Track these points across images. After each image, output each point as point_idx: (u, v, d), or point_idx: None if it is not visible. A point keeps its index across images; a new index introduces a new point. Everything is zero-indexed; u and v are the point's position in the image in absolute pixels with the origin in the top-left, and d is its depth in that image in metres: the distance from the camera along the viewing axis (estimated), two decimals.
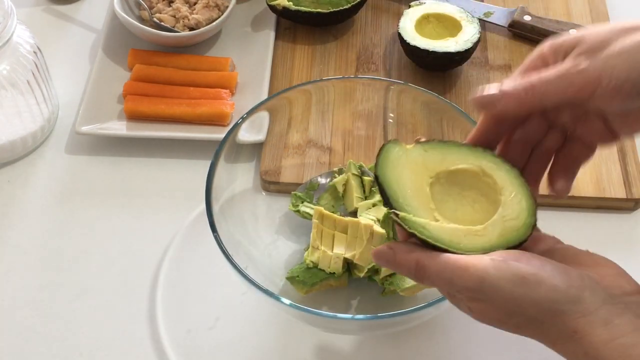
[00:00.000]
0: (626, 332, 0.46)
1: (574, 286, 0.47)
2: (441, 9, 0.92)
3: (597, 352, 0.46)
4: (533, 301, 0.47)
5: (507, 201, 0.53)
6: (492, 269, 0.48)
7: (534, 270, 0.48)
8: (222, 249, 0.65)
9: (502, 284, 0.47)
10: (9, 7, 0.78)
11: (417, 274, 0.51)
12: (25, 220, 0.81)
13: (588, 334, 0.47)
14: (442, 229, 0.52)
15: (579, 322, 0.47)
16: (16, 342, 0.72)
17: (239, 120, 0.74)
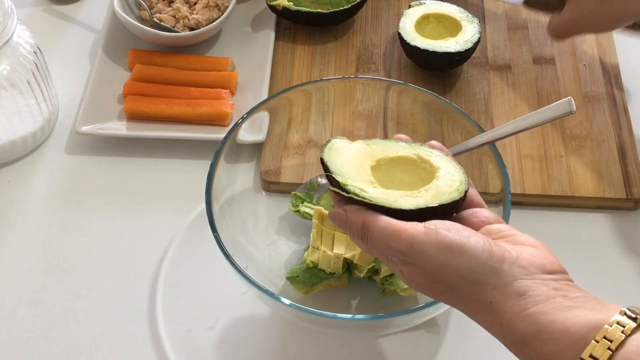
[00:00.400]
0: (537, 302, 0.48)
1: (494, 259, 0.50)
2: (441, 9, 0.92)
3: (510, 321, 0.48)
4: (454, 269, 0.50)
5: (441, 176, 0.57)
6: (422, 235, 0.51)
7: (459, 239, 0.50)
8: (222, 249, 0.65)
9: (428, 249, 0.50)
10: (9, 7, 0.78)
11: (362, 235, 0.54)
12: (25, 220, 0.81)
13: (502, 305, 0.49)
14: (379, 193, 0.56)
15: (495, 293, 0.49)
16: (16, 342, 0.72)
17: (239, 120, 0.74)
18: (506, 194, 0.68)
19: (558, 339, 0.47)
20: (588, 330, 0.46)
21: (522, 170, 0.82)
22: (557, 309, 0.48)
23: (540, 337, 0.47)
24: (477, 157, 0.74)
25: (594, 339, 0.45)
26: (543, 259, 0.51)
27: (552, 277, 0.50)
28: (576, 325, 0.46)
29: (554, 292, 0.49)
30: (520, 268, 0.50)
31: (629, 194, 0.80)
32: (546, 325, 0.47)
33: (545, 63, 0.92)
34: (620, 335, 0.45)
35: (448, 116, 0.76)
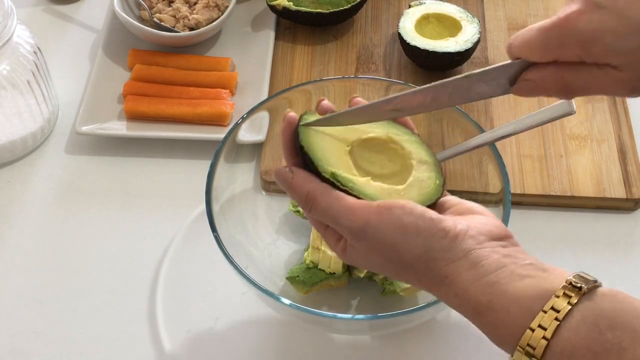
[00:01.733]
0: (489, 272, 0.50)
1: (449, 236, 0.51)
2: (441, 9, 0.92)
3: (464, 292, 0.50)
4: (409, 248, 0.51)
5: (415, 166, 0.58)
6: (376, 214, 0.52)
7: (414, 220, 0.52)
8: (222, 249, 0.65)
9: (383, 228, 0.52)
10: (9, 7, 0.78)
11: (306, 204, 0.54)
12: (25, 220, 0.81)
13: (456, 278, 0.51)
14: (368, 186, 0.56)
15: (449, 267, 0.51)
16: (16, 342, 0.72)
17: (239, 120, 0.74)
18: (506, 194, 0.68)
19: (509, 308, 0.48)
20: (537, 300, 0.48)
21: (522, 170, 0.82)
22: (509, 278, 0.49)
23: (492, 306, 0.49)
24: (477, 157, 0.74)
25: (542, 310, 0.47)
26: (489, 225, 0.53)
27: (500, 244, 0.52)
28: (526, 295, 0.48)
29: (505, 260, 0.51)
30: (471, 239, 0.51)
31: (629, 194, 0.80)
32: (498, 295, 0.49)
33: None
34: (566, 306, 0.47)
35: (448, 116, 0.76)
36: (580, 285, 0.47)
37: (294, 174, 0.55)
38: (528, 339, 0.47)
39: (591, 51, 0.49)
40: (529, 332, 0.47)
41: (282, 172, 0.56)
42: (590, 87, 0.52)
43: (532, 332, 0.47)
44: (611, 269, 0.77)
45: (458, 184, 0.79)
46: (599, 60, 0.50)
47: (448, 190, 0.78)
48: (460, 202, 0.57)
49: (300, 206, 0.56)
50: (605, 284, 0.76)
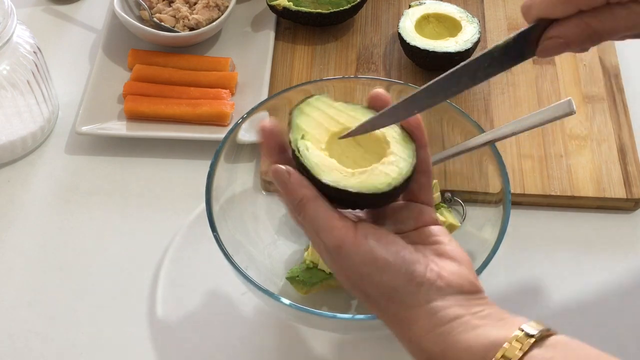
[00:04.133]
0: (444, 322, 0.50)
1: (414, 282, 0.51)
2: (441, 9, 0.92)
3: (418, 340, 0.51)
4: (375, 283, 0.52)
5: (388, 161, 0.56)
6: (351, 241, 0.52)
7: (386, 255, 0.51)
8: (222, 249, 0.65)
9: (354, 257, 0.52)
10: (9, 7, 0.78)
11: (296, 209, 0.54)
12: (25, 220, 0.81)
13: (414, 324, 0.51)
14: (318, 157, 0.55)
15: (408, 312, 0.51)
16: (16, 342, 0.72)
17: (239, 120, 0.74)
18: (506, 194, 0.68)
19: (461, 357, 0.49)
20: (489, 348, 0.48)
21: (522, 170, 0.82)
22: (463, 328, 0.50)
23: (445, 356, 0.49)
24: (477, 157, 0.74)
25: (494, 358, 0.47)
26: (462, 279, 0.52)
27: (466, 297, 0.52)
28: (477, 344, 0.48)
29: (463, 311, 0.50)
30: (436, 290, 0.51)
31: (629, 194, 0.80)
32: (450, 345, 0.49)
33: (545, 63, 0.92)
34: (518, 353, 0.46)
35: (448, 116, 0.76)
36: (533, 333, 0.47)
37: (290, 175, 0.55)
38: None
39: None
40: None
41: (280, 171, 0.55)
42: (617, 27, 0.52)
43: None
44: (611, 269, 0.77)
45: (458, 184, 0.79)
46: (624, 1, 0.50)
47: (448, 190, 0.79)
48: (445, 243, 0.55)
49: (289, 207, 0.55)
50: (605, 284, 0.76)
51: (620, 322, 0.73)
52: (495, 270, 0.53)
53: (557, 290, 0.75)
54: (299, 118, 0.58)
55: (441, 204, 0.77)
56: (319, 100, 0.60)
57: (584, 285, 0.76)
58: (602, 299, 0.75)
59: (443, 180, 0.79)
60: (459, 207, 0.78)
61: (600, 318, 0.73)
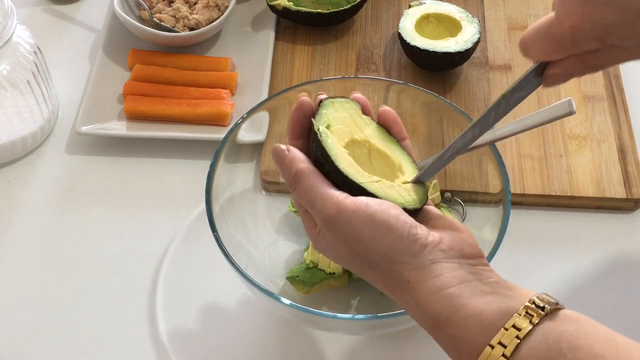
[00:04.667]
0: (452, 284, 0.49)
1: (418, 242, 0.51)
2: (441, 9, 0.92)
3: (425, 301, 0.50)
4: (377, 246, 0.51)
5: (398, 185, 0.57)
6: (351, 205, 0.52)
7: (388, 218, 0.51)
8: (222, 249, 0.65)
9: (355, 220, 0.51)
10: (9, 7, 0.78)
11: (292, 183, 0.55)
12: (25, 220, 0.81)
13: (419, 285, 0.50)
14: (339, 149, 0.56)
15: (413, 273, 0.50)
16: (16, 342, 0.72)
17: (239, 120, 0.74)
18: (506, 194, 0.68)
19: (469, 323, 0.48)
20: (498, 317, 0.47)
21: (522, 170, 0.82)
22: (471, 292, 0.49)
23: (452, 319, 0.49)
24: (477, 157, 0.74)
25: (503, 327, 0.47)
26: (463, 243, 0.52)
27: (469, 262, 0.51)
28: (487, 311, 0.48)
29: (469, 276, 0.50)
30: (440, 251, 0.51)
31: (629, 194, 0.80)
32: (458, 308, 0.49)
33: None
34: (528, 325, 0.46)
35: (448, 116, 0.76)
36: (543, 306, 0.47)
37: (289, 152, 0.55)
38: (487, 356, 0.46)
39: (607, 42, 0.51)
40: (488, 349, 0.46)
41: (279, 150, 0.56)
42: (615, 61, 0.54)
43: (491, 349, 0.46)
44: (611, 269, 0.77)
45: (458, 184, 0.79)
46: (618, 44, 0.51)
47: (448, 190, 0.79)
48: (440, 217, 0.56)
49: (287, 185, 0.56)
50: (605, 285, 0.76)
51: (620, 322, 0.73)
52: (496, 270, 0.53)
53: (557, 290, 0.75)
54: (327, 109, 0.58)
55: (441, 204, 0.77)
56: (350, 104, 0.60)
57: (584, 285, 0.76)
58: (602, 299, 0.75)
59: (443, 180, 0.79)
60: (459, 207, 0.78)
61: (600, 318, 0.73)
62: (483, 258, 0.53)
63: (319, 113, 0.58)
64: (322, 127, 0.56)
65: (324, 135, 0.56)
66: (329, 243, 0.54)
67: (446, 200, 0.78)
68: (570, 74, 0.55)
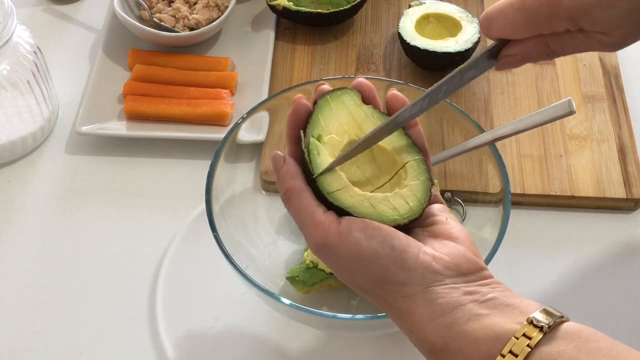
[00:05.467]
0: (446, 311, 0.48)
1: (406, 268, 0.49)
2: (441, 9, 0.92)
3: (419, 330, 0.49)
4: (365, 275, 0.50)
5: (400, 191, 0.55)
6: (337, 236, 0.50)
7: (373, 246, 0.50)
8: (222, 249, 0.65)
9: (340, 252, 0.50)
10: (9, 7, 0.78)
11: (284, 199, 0.54)
12: (25, 220, 0.81)
13: (411, 313, 0.49)
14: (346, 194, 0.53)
15: (404, 301, 0.49)
16: (16, 342, 0.72)
17: (239, 120, 0.74)
18: (506, 194, 0.68)
19: (466, 351, 0.47)
20: (495, 343, 0.46)
21: (522, 170, 0.82)
22: (466, 318, 0.48)
23: (448, 349, 0.48)
24: (477, 157, 0.74)
25: (500, 354, 0.45)
26: (460, 258, 0.51)
27: (465, 279, 0.50)
28: (483, 338, 0.47)
29: (464, 298, 0.48)
30: (432, 273, 0.49)
31: (629, 194, 0.80)
32: (454, 337, 0.47)
33: (545, 63, 0.92)
34: (526, 348, 0.45)
35: (448, 116, 0.76)
36: (542, 325, 0.46)
37: (285, 164, 0.54)
38: None
39: (579, 23, 0.51)
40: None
41: (277, 158, 0.55)
42: (575, 49, 0.54)
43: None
44: (611, 269, 0.77)
45: (458, 184, 0.79)
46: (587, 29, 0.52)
47: (448, 190, 0.79)
48: (443, 223, 0.54)
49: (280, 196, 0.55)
50: (605, 284, 0.76)
51: (620, 322, 0.73)
52: (495, 270, 0.53)
53: (557, 290, 0.75)
54: (322, 111, 0.56)
55: None
56: (349, 95, 0.58)
57: (584, 285, 0.76)
58: (602, 299, 0.75)
59: (443, 180, 0.79)
60: (459, 207, 0.78)
61: (600, 318, 0.73)
62: (483, 271, 0.51)
63: (312, 119, 0.56)
64: (311, 146, 0.54)
65: (313, 155, 0.54)
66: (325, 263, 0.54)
67: (446, 200, 0.78)
68: (528, 56, 0.54)
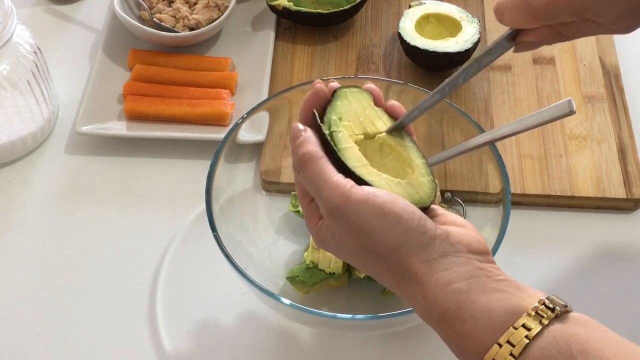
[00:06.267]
0: (461, 279, 0.48)
1: (427, 234, 0.50)
2: (441, 9, 0.92)
3: (433, 295, 0.49)
4: (386, 237, 0.50)
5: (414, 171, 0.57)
6: (359, 194, 0.50)
7: (397, 209, 0.50)
8: (222, 249, 0.65)
9: (363, 211, 0.50)
10: (9, 7, 0.78)
11: (298, 165, 0.53)
12: (25, 220, 0.81)
13: (427, 278, 0.49)
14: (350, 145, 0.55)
15: (422, 265, 0.49)
16: (16, 342, 0.72)
17: (239, 120, 0.74)
18: (506, 194, 0.68)
19: (478, 319, 0.47)
20: (508, 316, 0.47)
21: (522, 170, 0.82)
22: (480, 288, 0.48)
23: (460, 315, 0.48)
24: (477, 157, 0.74)
25: (512, 326, 0.46)
26: (470, 238, 0.52)
27: (477, 257, 0.51)
28: (497, 308, 0.47)
29: (478, 271, 0.49)
30: (449, 245, 0.50)
31: (629, 194, 0.80)
32: (468, 304, 0.48)
33: (545, 63, 0.92)
34: (537, 325, 0.45)
35: (448, 116, 0.76)
36: (554, 307, 0.46)
37: (305, 132, 0.54)
38: (494, 354, 0.46)
39: (583, 16, 0.54)
40: (496, 347, 0.46)
41: (296, 129, 0.55)
42: (588, 33, 0.57)
43: (499, 348, 0.45)
44: (611, 269, 0.77)
45: (458, 184, 0.79)
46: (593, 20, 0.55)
47: (448, 190, 0.79)
48: (445, 214, 0.55)
49: (293, 165, 0.54)
50: (605, 285, 0.76)
51: (620, 322, 0.73)
52: None
53: (556, 290, 0.75)
54: (341, 100, 0.58)
55: (441, 204, 0.77)
56: (362, 94, 0.59)
57: (584, 285, 0.76)
58: (602, 299, 0.74)
59: (443, 180, 0.79)
60: (459, 207, 0.78)
61: (600, 318, 0.73)
62: (490, 255, 0.52)
63: (331, 104, 0.57)
64: (334, 118, 0.56)
65: (335, 128, 0.55)
66: (334, 235, 0.52)
67: (446, 200, 0.78)
68: (543, 42, 0.57)
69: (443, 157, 0.74)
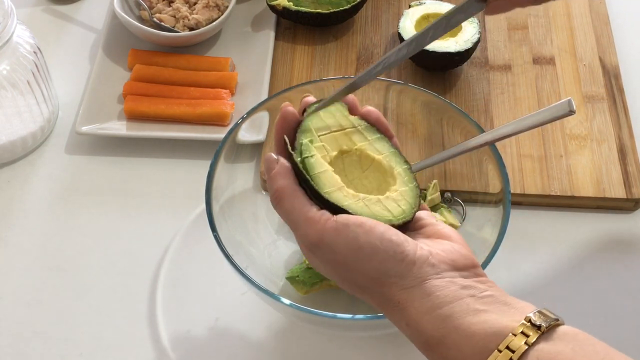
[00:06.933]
0: (443, 304, 0.48)
1: (405, 262, 0.49)
2: (441, 9, 0.92)
3: (415, 322, 0.49)
4: (363, 270, 0.50)
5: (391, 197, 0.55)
6: (333, 230, 0.50)
7: (372, 239, 0.49)
8: (222, 249, 0.65)
9: (337, 245, 0.50)
10: (9, 7, 0.78)
11: (274, 199, 0.53)
12: (25, 220, 0.81)
13: (409, 306, 0.49)
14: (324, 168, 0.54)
15: (402, 293, 0.49)
16: (16, 342, 0.72)
17: (239, 120, 0.74)
18: (506, 194, 0.68)
19: (462, 345, 0.47)
20: (492, 338, 0.46)
21: (522, 170, 0.82)
22: (464, 312, 0.47)
23: (444, 342, 0.47)
24: (477, 157, 0.74)
25: (497, 349, 0.45)
26: (455, 254, 0.51)
27: (462, 274, 0.50)
28: (480, 332, 0.46)
29: (462, 292, 0.48)
30: (430, 267, 0.49)
31: (629, 194, 0.80)
32: (450, 330, 0.47)
33: (545, 63, 0.92)
34: (523, 345, 0.45)
35: (448, 116, 0.76)
36: (540, 324, 0.45)
37: (278, 164, 0.54)
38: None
39: None
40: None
41: (270, 160, 0.54)
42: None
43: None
44: (611, 269, 0.77)
45: (458, 184, 0.79)
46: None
47: (448, 190, 0.79)
48: (433, 224, 0.54)
49: (270, 199, 0.54)
50: (605, 285, 0.76)
51: (620, 322, 0.73)
52: (496, 270, 0.53)
53: (557, 291, 0.75)
54: (312, 119, 0.57)
55: (441, 204, 0.77)
56: (335, 106, 0.59)
57: (584, 285, 0.76)
58: (602, 299, 0.75)
59: (443, 180, 0.79)
60: (459, 207, 0.78)
61: (600, 318, 0.73)
62: (477, 268, 0.51)
63: (302, 125, 0.56)
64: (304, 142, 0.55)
65: (307, 153, 0.54)
66: (318, 266, 0.53)
67: (446, 200, 0.78)
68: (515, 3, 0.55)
69: (443, 157, 0.74)
